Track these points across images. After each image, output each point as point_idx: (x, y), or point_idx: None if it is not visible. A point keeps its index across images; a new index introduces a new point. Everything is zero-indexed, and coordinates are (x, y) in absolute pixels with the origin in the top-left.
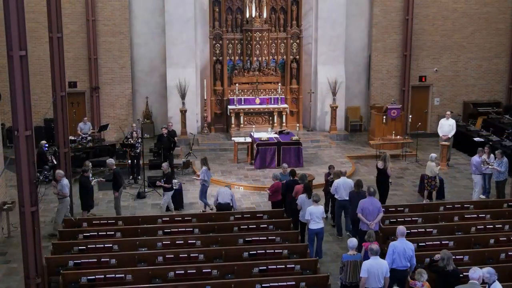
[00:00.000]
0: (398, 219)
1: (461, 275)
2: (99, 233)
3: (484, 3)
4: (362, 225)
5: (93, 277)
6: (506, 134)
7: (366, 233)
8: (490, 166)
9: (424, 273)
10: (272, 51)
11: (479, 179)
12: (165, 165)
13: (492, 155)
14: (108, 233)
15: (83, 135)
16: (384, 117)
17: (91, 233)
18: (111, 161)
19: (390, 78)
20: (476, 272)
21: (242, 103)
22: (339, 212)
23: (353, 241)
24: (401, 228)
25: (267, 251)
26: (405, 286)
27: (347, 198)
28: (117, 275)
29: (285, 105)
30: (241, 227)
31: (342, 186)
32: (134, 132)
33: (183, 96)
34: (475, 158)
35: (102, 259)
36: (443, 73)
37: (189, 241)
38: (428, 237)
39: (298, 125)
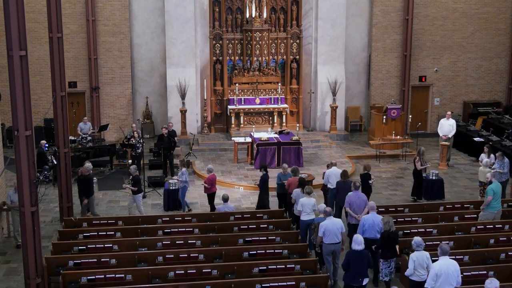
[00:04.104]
0: (398, 219)
1: (400, 233)
2: (99, 233)
3: (484, 3)
4: (350, 218)
5: (93, 277)
6: (506, 134)
7: (355, 226)
8: (493, 171)
9: None
10: (272, 51)
11: None
12: (132, 168)
13: (492, 155)
14: (108, 233)
15: (83, 135)
16: (384, 117)
17: (91, 233)
18: (88, 166)
19: (390, 78)
20: (493, 283)
21: (242, 103)
22: (332, 201)
23: (322, 206)
24: (371, 203)
25: (267, 251)
26: (378, 253)
27: None
28: (117, 275)
29: (285, 105)
30: (241, 227)
31: (334, 175)
32: (135, 132)
33: (183, 96)
34: None
35: (102, 259)
36: (443, 73)
37: (189, 241)
38: (428, 237)
39: (298, 125)
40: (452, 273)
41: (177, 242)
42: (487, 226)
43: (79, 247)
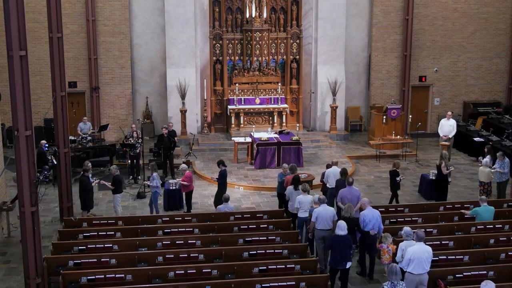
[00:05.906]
0: (398, 219)
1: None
2: (99, 233)
3: (484, 3)
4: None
5: (93, 277)
6: (506, 134)
7: (345, 219)
8: (493, 170)
9: (389, 237)
10: (272, 51)
11: None
12: (113, 168)
13: (488, 156)
14: (108, 233)
15: (83, 135)
16: (384, 117)
17: (91, 233)
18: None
19: (390, 78)
20: (488, 285)
21: (242, 103)
22: (331, 200)
23: (315, 197)
24: (365, 199)
25: (267, 251)
26: (374, 247)
27: None
28: (117, 275)
29: (285, 105)
30: (241, 227)
31: (333, 175)
32: (135, 132)
33: (183, 96)
34: None
35: (102, 259)
36: (443, 73)
37: (189, 241)
38: (428, 237)
39: (298, 125)
40: (426, 259)
41: (177, 242)
42: (487, 226)
43: (79, 247)
